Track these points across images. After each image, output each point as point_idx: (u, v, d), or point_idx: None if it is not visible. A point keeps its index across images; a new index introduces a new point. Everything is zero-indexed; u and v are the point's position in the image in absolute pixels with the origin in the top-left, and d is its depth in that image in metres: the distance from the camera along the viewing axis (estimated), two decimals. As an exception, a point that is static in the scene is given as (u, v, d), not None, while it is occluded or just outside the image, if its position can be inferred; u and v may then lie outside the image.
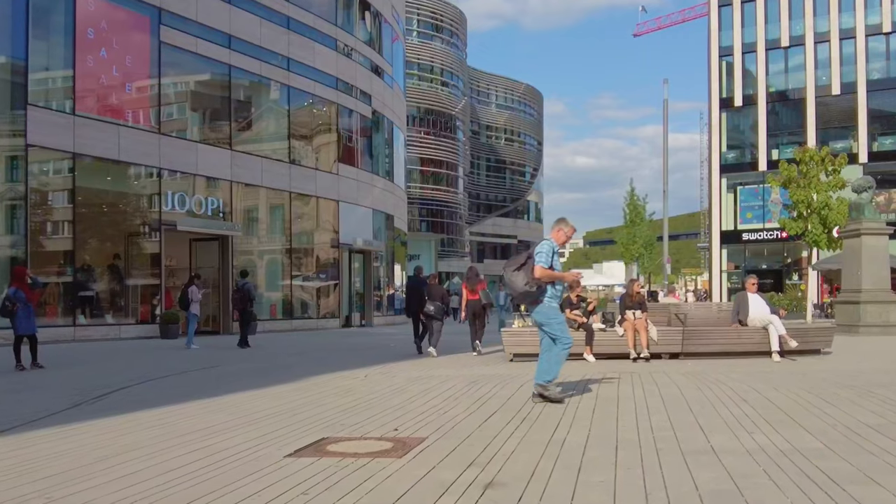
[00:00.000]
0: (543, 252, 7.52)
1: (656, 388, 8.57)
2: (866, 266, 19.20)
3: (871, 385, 8.30)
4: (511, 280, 7.47)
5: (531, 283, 7.37)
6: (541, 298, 7.52)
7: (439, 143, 63.65)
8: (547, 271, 7.48)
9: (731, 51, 50.27)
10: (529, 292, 7.44)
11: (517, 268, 7.44)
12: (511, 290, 7.64)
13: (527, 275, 7.38)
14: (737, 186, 50.77)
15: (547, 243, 7.67)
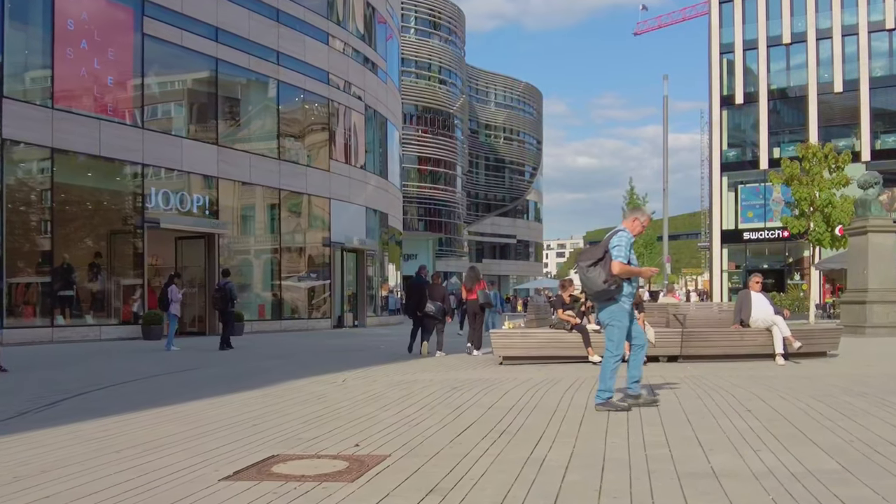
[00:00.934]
0: (622, 245, 6.86)
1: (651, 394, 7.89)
2: (873, 265, 18.52)
3: (885, 392, 7.62)
4: (588, 277, 6.82)
5: (610, 280, 6.72)
6: (616, 297, 6.86)
7: (437, 142, 62.96)
8: (626, 267, 6.82)
9: (732, 48, 49.64)
10: (608, 291, 6.78)
11: (593, 263, 6.79)
12: (588, 289, 6.97)
13: (604, 271, 6.73)
14: (738, 185, 50.16)
15: (624, 235, 6.97)
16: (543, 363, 11.92)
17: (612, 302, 6.88)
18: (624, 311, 6.93)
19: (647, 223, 7.38)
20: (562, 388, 8.56)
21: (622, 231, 7.04)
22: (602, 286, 6.74)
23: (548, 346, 12.17)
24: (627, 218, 7.33)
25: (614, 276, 6.72)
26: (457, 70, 66.73)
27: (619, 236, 6.94)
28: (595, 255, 6.89)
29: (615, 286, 6.74)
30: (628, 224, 7.18)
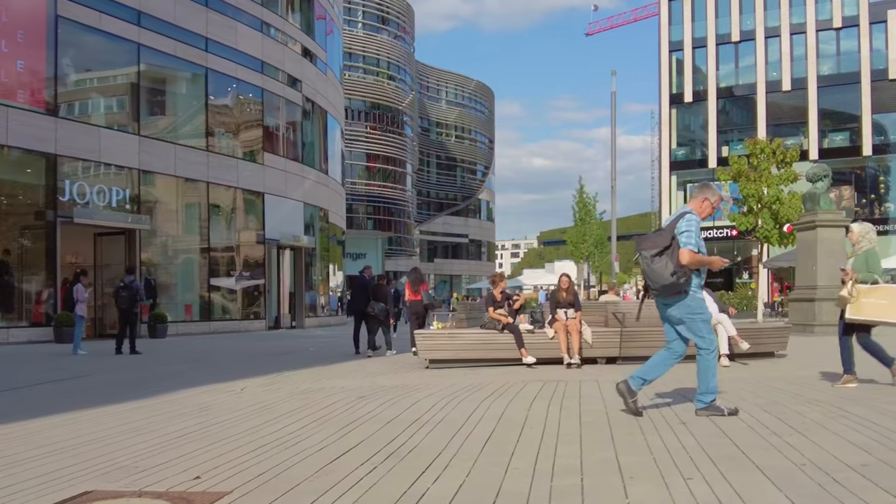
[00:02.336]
0: (692, 231, 5.91)
1: (577, 404, 6.93)
2: (822, 260, 17.92)
3: (839, 399, 6.76)
4: (653, 269, 5.83)
5: (679, 271, 5.75)
6: (686, 289, 5.90)
7: (386, 139, 61.76)
8: (697, 256, 5.87)
9: (681, 45, 49.42)
10: (676, 284, 5.81)
11: (659, 252, 5.80)
12: (652, 282, 5.93)
13: (672, 261, 5.76)
14: (686, 184, 49.91)
15: (693, 218, 5.99)
16: (473, 366, 10.97)
17: (682, 296, 5.95)
18: (699, 299, 6.04)
19: (718, 203, 6.40)
20: (481, 397, 7.57)
21: (689, 213, 6.05)
22: (670, 279, 5.77)
23: (478, 347, 11.20)
24: (695, 198, 6.29)
25: (683, 266, 5.77)
26: (406, 66, 65.57)
27: (688, 220, 5.96)
28: (660, 242, 5.89)
29: (685, 278, 5.80)
30: (696, 205, 6.19)
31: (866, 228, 8.18)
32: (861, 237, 8.08)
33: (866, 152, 45.13)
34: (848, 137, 46.46)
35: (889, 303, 7.55)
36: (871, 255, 7.99)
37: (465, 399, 7.42)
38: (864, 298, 7.64)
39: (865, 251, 8.01)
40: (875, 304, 7.58)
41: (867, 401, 6.62)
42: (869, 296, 7.64)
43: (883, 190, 46.38)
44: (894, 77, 44.43)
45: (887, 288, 7.75)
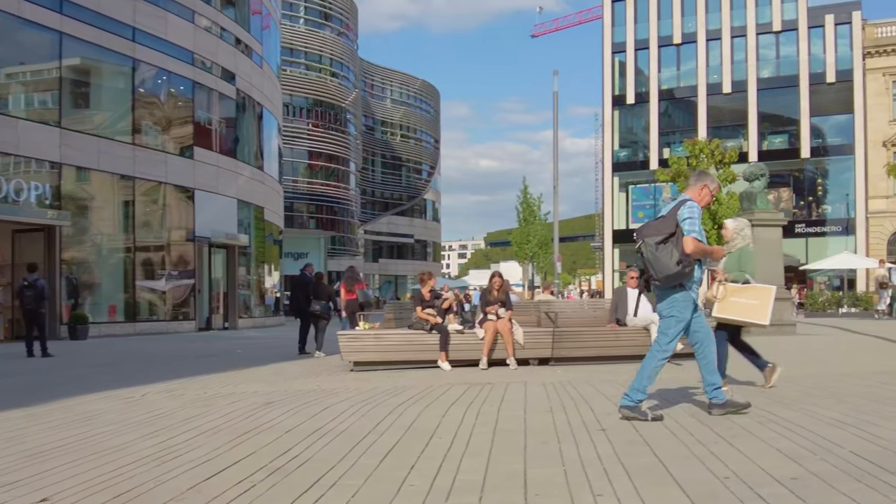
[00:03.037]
0: (695, 218, 5.60)
1: (497, 409, 6.47)
2: (759, 261, 17.80)
3: (771, 404, 6.42)
4: (657, 257, 5.49)
5: (684, 261, 5.45)
6: (685, 283, 5.60)
7: (329, 137, 60.72)
8: (701, 245, 5.54)
9: (623, 47, 49.65)
10: (681, 274, 5.48)
11: (663, 239, 5.48)
12: (655, 272, 5.56)
13: (677, 250, 5.44)
14: (629, 186, 50.23)
15: (695, 206, 5.68)
16: (400, 369, 10.48)
17: (678, 289, 5.61)
18: (690, 301, 5.69)
19: (717, 191, 6.07)
20: (398, 402, 7.07)
21: (690, 201, 5.72)
22: (675, 268, 5.44)
23: (404, 349, 10.69)
24: (693, 186, 5.96)
25: (688, 255, 5.47)
26: (350, 64, 64.63)
27: (690, 206, 5.64)
28: (664, 228, 5.54)
29: (689, 268, 5.50)
30: (694, 193, 5.86)
31: (741, 225, 7.85)
32: (736, 234, 7.75)
33: (804, 155, 45.87)
34: (787, 140, 47.18)
35: (759, 303, 7.23)
36: (744, 253, 7.67)
37: (380, 405, 6.91)
38: (732, 298, 7.30)
39: (739, 249, 7.69)
40: (743, 305, 7.27)
41: (798, 404, 6.30)
42: (738, 295, 7.32)
43: (820, 192, 47.21)
44: (832, 81, 45.26)
45: (758, 288, 7.42)
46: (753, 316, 7.23)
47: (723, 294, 7.34)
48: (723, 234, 7.98)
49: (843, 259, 36.92)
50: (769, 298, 7.26)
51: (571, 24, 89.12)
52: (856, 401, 6.37)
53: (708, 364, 5.81)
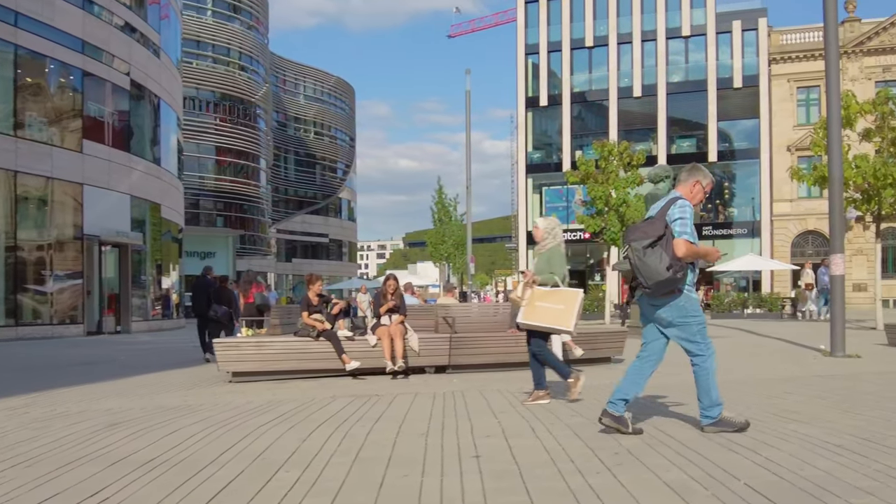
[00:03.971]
0: (687, 218, 5.14)
1: (368, 430, 5.78)
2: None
3: (666, 421, 5.94)
4: (645, 263, 5.02)
5: (676, 265, 4.96)
6: (680, 287, 5.09)
7: (238, 132, 58.90)
8: (694, 247, 5.10)
9: (536, 49, 49.69)
10: (673, 280, 4.99)
11: (651, 243, 5.01)
12: (645, 277, 5.07)
13: (667, 253, 4.96)
14: (542, 187, 50.33)
15: (687, 204, 5.21)
16: (285, 379, 9.69)
17: (676, 295, 5.12)
18: (694, 299, 5.23)
19: (711, 188, 5.48)
20: (259, 422, 6.31)
21: (681, 199, 5.24)
22: (665, 274, 4.95)
23: (289, 357, 9.91)
24: (685, 182, 5.42)
25: (679, 259, 4.99)
26: (259, 58, 62.84)
27: (681, 206, 5.17)
28: (652, 231, 5.05)
29: (681, 273, 5.00)
30: (685, 190, 5.37)
31: (552, 224, 7.36)
32: (547, 234, 7.25)
33: (712, 159, 46.74)
34: (695, 144, 48.03)
35: (565, 308, 6.74)
36: (554, 253, 7.16)
37: (238, 426, 6.15)
38: (538, 302, 6.79)
39: (549, 249, 7.21)
40: (549, 310, 6.76)
41: (687, 423, 5.82)
42: (544, 299, 6.80)
43: (727, 196, 48.25)
44: (739, 86, 46.29)
45: (565, 292, 6.89)
46: (558, 322, 6.73)
47: (529, 298, 6.83)
48: (533, 233, 7.47)
49: (749, 261, 37.69)
50: (575, 303, 6.75)
51: (488, 25, 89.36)
52: (756, 415, 5.95)
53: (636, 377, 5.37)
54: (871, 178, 18.70)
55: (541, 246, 7.26)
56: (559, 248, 7.21)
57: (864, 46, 43.79)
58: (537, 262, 7.19)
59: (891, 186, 18.58)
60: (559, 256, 7.16)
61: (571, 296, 6.83)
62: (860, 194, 19.57)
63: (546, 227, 7.28)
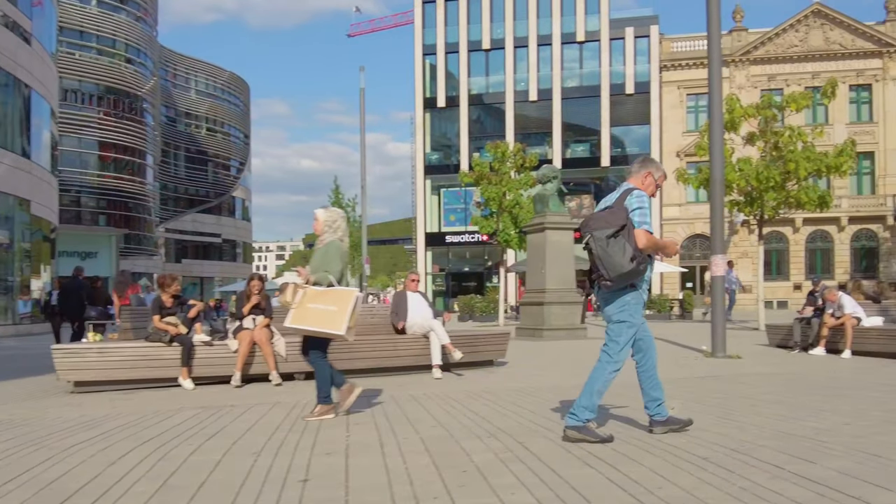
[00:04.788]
0: (646, 208, 4.95)
1: (194, 449, 5.06)
2: (551, 263, 17.54)
3: (525, 431, 5.46)
4: (608, 253, 4.75)
5: (638, 256, 4.77)
6: (637, 282, 4.92)
7: (123, 127, 56.17)
8: (654, 239, 4.93)
9: (434, 49, 49.44)
10: (635, 272, 4.79)
11: (613, 233, 4.76)
12: (609, 269, 4.79)
13: (630, 244, 4.74)
14: (441, 189, 50.11)
15: (644, 194, 5.03)
16: (134, 388, 8.81)
17: (629, 290, 4.95)
18: (642, 303, 5.03)
19: (663, 181, 5.32)
20: (71, 442, 5.50)
21: (637, 189, 5.04)
22: (629, 266, 4.74)
23: (137, 365, 9.00)
24: (636, 174, 5.25)
25: (641, 250, 4.81)
26: (147, 50, 60.14)
27: (638, 196, 4.97)
28: (614, 220, 4.81)
29: (643, 265, 4.82)
30: (637, 181, 5.18)
31: (334, 216, 6.60)
32: (327, 227, 6.50)
33: (605, 163, 47.59)
34: (588, 149, 48.77)
35: (337, 309, 6.09)
36: (331, 248, 6.42)
37: (49, 446, 5.34)
38: (310, 304, 6.13)
39: (327, 244, 6.46)
40: (320, 312, 6.10)
41: (553, 432, 5.36)
42: (316, 301, 6.15)
43: (621, 200, 49.06)
44: (631, 92, 47.23)
45: (339, 292, 6.21)
46: (329, 325, 6.08)
47: (301, 299, 6.18)
48: (313, 226, 6.67)
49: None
50: (348, 304, 6.12)
51: (388, 25, 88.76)
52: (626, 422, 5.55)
53: (650, 378, 5.16)
54: (754, 181, 19.05)
55: (319, 240, 6.53)
56: (338, 243, 6.49)
57: (750, 56, 45.41)
58: (313, 259, 6.45)
59: (773, 189, 18.98)
60: (336, 252, 6.43)
61: (345, 296, 6.18)
62: (743, 197, 19.95)
63: (327, 218, 6.53)
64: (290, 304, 6.18)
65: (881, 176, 44.80)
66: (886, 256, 44.59)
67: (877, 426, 5.34)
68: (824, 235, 44.98)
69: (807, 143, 19.24)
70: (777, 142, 19.49)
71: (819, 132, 19.46)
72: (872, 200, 44.76)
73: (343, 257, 6.47)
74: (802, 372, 9.89)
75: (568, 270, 17.84)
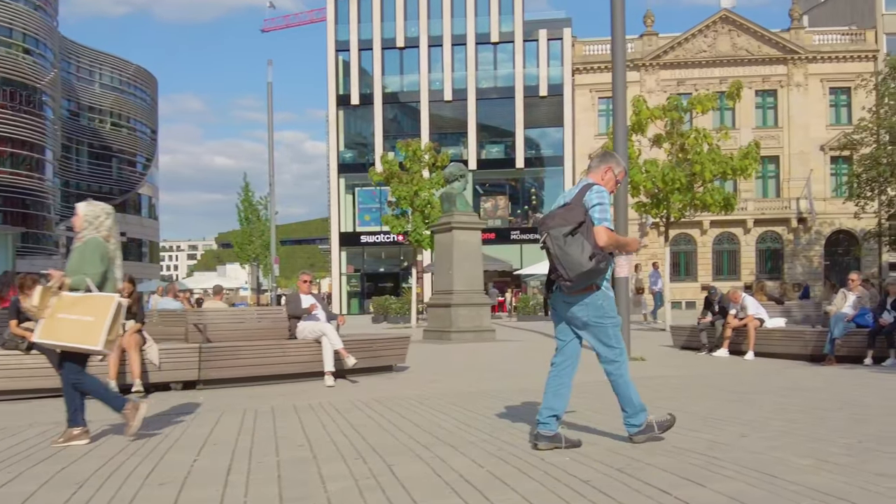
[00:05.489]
0: (606, 204, 4.68)
1: (6, 480, 4.34)
2: (458, 264, 17.10)
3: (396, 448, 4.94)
4: (567, 252, 4.52)
5: (598, 255, 4.52)
6: (598, 283, 4.70)
7: (20, 120, 53.30)
8: (615, 236, 4.69)
9: (347, 46, 48.65)
10: (596, 271, 4.55)
11: (571, 231, 4.53)
12: (567, 268, 4.55)
13: (589, 241, 4.51)
14: (356, 188, 49.33)
15: (604, 190, 4.75)
16: None
17: (593, 292, 4.69)
18: (611, 297, 4.82)
19: (623, 177, 5.09)
20: None
21: (596, 185, 4.77)
22: (588, 264, 4.49)
23: (-9, 375, 8.11)
24: (596, 169, 4.97)
25: (601, 248, 4.55)
26: (47, 41, 57.24)
27: (598, 191, 4.70)
28: (572, 217, 4.57)
29: (604, 263, 4.57)
30: (597, 177, 4.90)
31: (97, 211, 5.67)
32: (87, 223, 5.61)
33: (519, 165, 47.69)
34: (503, 150, 48.79)
35: (94, 320, 5.18)
36: (90, 246, 5.45)
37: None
38: (61, 313, 5.20)
39: (86, 242, 5.54)
40: (74, 323, 5.22)
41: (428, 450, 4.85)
42: (70, 310, 5.22)
43: (535, 201, 49.32)
44: (544, 95, 47.42)
45: (96, 299, 5.30)
46: (84, 339, 5.20)
47: (52, 307, 5.29)
48: (72, 221, 5.79)
49: (551, 264, 38.45)
50: (107, 313, 5.22)
51: (302, 21, 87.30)
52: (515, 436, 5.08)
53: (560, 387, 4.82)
54: (661, 183, 19.06)
55: (78, 237, 5.63)
56: (99, 240, 5.56)
57: (660, 60, 46.19)
58: (70, 259, 5.58)
59: (679, 191, 19.03)
60: (96, 251, 5.50)
61: (103, 304, 5.30)
62: (650, 199, 19.97)
63: (88, 213, 5.63)
64: (36, 312, 5.29)
65: (785, 179, 46.22)
66: (791, 258, 46.02)
67: (775, 438, 5.02)
68: (731, 237, 46.13)
69: (712, 145, 19.38)
70: (683, 144, 19.57)
71: (724, 134, 19.64)
72: (777, 203, 46.13)
73: (105, 258, 5.52)
74: (705, 374, 9.71)
75: (476, 271, 17.45)
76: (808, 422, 5.72)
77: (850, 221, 43.25)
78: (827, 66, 45.92)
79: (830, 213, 45.29)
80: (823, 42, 46.34)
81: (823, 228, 45.82)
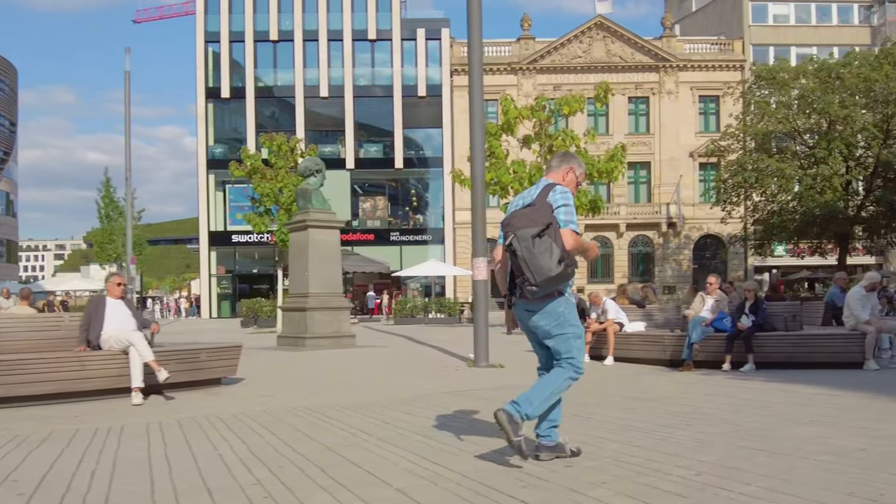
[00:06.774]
0: (571, 205, 4.32)
1: None
2: (314, 265, 16.01)
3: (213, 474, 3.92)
4: (535, 255, 4.13)
5: (566, 258, 4.16)
6: (561, 288, 4.31)
7: None
8: (580, 239, 4.32)
9: (217, 37, 46.62)
10: (564, 275, 4.18)
11: (539, 233, 4.14)
12: (535, 273, 4.15)
13: (557, 244, 4.13)
14: (226, 185, 47.25)
15: (567, 191, 4.41)
16: None
17: (556, 298, 4.35)
18: (573, 304, 4.47)
19: (584, 178, 4.85)
20: None
21: (559, 185, 4.48)
22: (557, 269, 4.16)
23: None
24: (557, 169, 4.71)
25: (569, 252, 4.24)
26: None
27: (563, 192, 4.40)
28: (540, 218, 4.25)
29: (571, 268, 4.25)
30: (558, 177, 4.63)
31: None
32: None
33: (398, 165, 46.93)
34: (382, 150, 47.88)
35: None
36: None
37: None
38: None
39: None
40: None
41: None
42: None
43: (416, 202, 48.64)
44: (423, 95, 46.81)
45: None
46: None
47: None
48: None
49: (431, 266, 38.00)
50: None
51: (177, 13, 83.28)
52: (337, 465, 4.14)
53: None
54: (528, 184, 18.65)
55: None
56: None
57: (536, 64, 46.41)
58: None
59: (545, 193, 18.64)
60: None
61: None
62: (518, 200, 19.53)
63: None
64: None
65: (656, 185, 47.34)
66: (661, 262, 47.14)
67: (603, 469, 4.28)
68: (604, 241, 46.85)
69: (580, 147, 19.14)
70: (552, 145, 19.27)
71: (591, 136, 19.42)
72: (648, 208, 47.18)
73: None
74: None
75: (334, 273, 16.42)
76: (646, 444, 5.04)
77: (717, 226, 44.69)
78: (697, 74, 47.36)
79: (699, 217, 46.71)
80: (694, 51, 47.78)
81: (692, 233, 47.20)
